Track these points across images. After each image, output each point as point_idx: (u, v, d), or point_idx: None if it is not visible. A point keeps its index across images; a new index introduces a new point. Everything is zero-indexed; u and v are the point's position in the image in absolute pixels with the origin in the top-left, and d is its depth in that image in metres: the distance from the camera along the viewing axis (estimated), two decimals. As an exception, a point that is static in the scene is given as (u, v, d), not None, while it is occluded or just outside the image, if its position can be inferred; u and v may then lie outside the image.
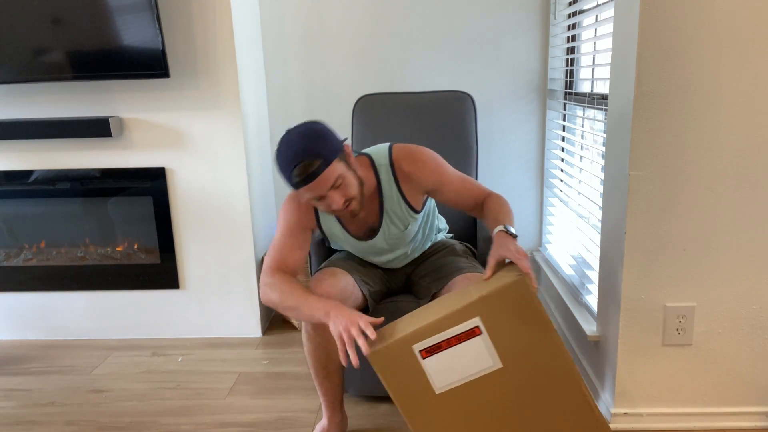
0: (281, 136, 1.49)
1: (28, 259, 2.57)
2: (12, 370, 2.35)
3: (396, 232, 1.68)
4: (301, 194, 1.46)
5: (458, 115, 2.27)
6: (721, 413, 1.78)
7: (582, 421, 1.30)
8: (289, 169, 1.41)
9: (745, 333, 1.72)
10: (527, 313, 1.24)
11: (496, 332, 1.25)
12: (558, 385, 1.28)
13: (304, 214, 1.62)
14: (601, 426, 1.31)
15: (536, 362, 1.27)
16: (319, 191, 1.43)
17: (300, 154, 1.39)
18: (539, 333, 1.25)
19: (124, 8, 2.11)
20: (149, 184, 2.42)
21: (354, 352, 1.30)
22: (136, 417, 1.97)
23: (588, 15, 2.09)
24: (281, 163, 1.43)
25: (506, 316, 1.24)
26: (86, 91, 2.35)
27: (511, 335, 1.25)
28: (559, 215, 2.61)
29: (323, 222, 1.66)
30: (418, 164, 1.60)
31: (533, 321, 1.25)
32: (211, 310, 2.55)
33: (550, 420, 1.30)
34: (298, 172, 1.39)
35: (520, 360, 1.27)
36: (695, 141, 1.59)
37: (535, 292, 1.25)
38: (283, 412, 1.97)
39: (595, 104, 2.06)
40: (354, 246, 1.72)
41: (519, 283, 1.23)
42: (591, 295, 2.13)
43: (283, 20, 2.63)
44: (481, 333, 1.24)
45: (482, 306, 1.24)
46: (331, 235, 1.70)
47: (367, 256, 1.77)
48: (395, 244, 1.73)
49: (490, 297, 1.24)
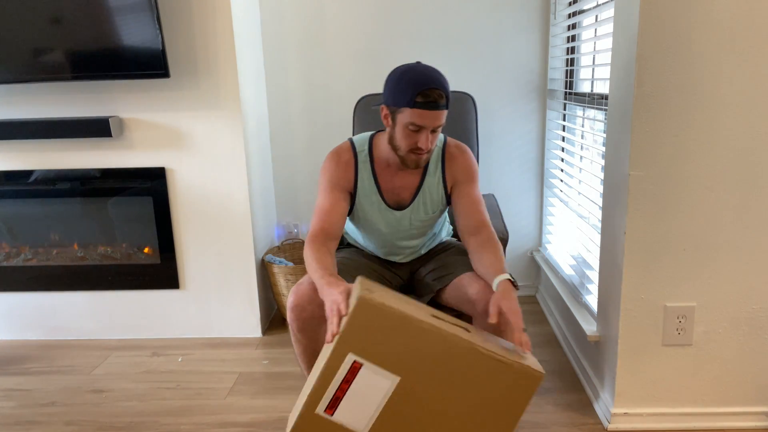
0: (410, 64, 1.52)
1: (28, 259, 2.57)
2: (12, 370, 2.35)
3: (423, 215, 1.72)
4: (410, 115, 1.48)
5: (459, 115, 2.27)
6: (721, 413, 1.78)
7: (505, 378, 1.31)
8: (420, 87, 1.45)
9: (745, 333, 1.72)
10: (385, 321, 1.27)
11: (373, 355, 1.28)
12: (460, 361, 1.30)
13: (344, 172, 1.66)
14: (526, 372, 1.30)
15: (425, 353, 1.29)
16: (430, 123, 1.49)
17: (436, 82, 1.46)
18: (407, 330, 1.27)
19: (124, 8, 2.11)
20: (149, 184, 2.42)
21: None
22: (136, 417, 1.97)
23: (588, 15, 2.09)
24: (412, 78, 1.46)
25: (371, 336, 1.27)
26: (86, 91, 2.35)
27: (387, 348, 1.28)
28: (559, 215, 2.61)
29: (360, 183, 1.68)
30: (465, 154, 1.70)
31: (394, 324, 1.27)
32: (211, 310, 2.55)
33: (480, 392, 1.31)
34: (432, 96, 1.45)
35: (411, 361, 1.29)
36: (695, 141, 1.59)
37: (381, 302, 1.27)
38: (283, 412, 1.97)
39: (595, 104, 2.06)
40: (378, 216, 1.72)
41: (361, 303, 1.26)
42: (591, 295, 2.13)
43: (283, 20, 2.63)
44: (362, 364, 1.28)
45: (346, 343, 1.27)
46: (362, 199, 1.70)
47: (383, 242, 1.78)
48: (417, 231, 1.75)
49: (347, 331, 1.27)
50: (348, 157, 1.67)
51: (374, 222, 1.74)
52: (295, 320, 1.57)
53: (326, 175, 1.67)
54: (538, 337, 2.44)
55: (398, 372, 1.29)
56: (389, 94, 1.52)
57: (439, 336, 1.28)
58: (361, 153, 1.68)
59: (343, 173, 1.66)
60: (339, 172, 1.66)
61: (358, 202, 1.71)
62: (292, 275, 2.49)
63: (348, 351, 1.27)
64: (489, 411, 1.32)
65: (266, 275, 2.65)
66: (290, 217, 2.87)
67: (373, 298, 1.26)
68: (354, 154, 1.68)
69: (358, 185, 1.69)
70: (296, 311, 1.56)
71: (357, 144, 1.70)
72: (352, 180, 1.68)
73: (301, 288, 1.56)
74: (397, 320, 1.27)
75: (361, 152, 1.68)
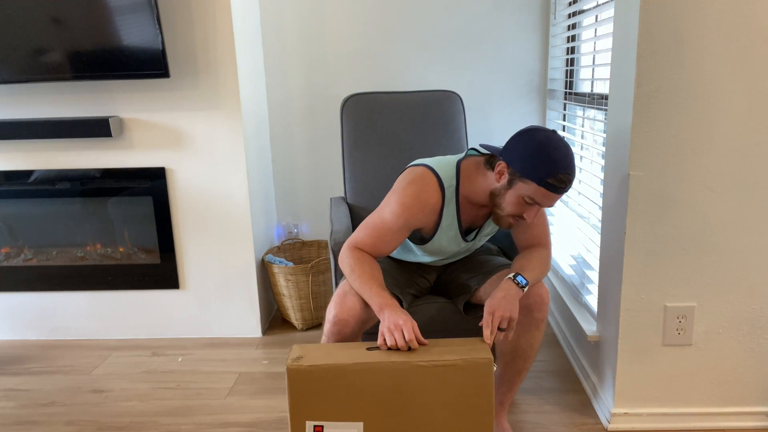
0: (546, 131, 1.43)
1: (28, 259, 2.57)
2: (12, 370, 2.35)
3: (485, 237, 1.72)
4: (535, 192, 1.41)
5: (448, 114, 2.27)
6: (721, 413, 1.78)
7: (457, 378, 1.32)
8: (559, 171, 1.39)
9: (745, 333, 1.72)
10: (321, 380, 1.30)
11: (327, 414, 1.31)
12: (409, 382, 1.31)
13: (427, 216, 1.56)
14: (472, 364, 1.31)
15: (374, 390, 1.31)
16: (549, 203, 1.45)
17: (574, 168, 1.43)
18: (345, 378, 1.31)
19: (124, 8, 2.11)
20: (149, 184, 2.42)
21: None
22: (136, 417, 1.97)
23: (588, 15, 2.09)
24: (553, 158, 1.39)
25: (317, 398, 1.31)
26: (86, 91, 2.35)
27: (337, 402, 1.31)
28: (559, 215, 2.61)
29: (443, 222, 1.60)
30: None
31: (331, 378, 1.30)
32: (211, 310, 2.55)
33: (444, 401, 1.32)
34: (565, 182, 1.41)
35: (365, 403, 1.31)
36: (695, 141, 1.59)
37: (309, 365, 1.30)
38: (283, 412, 1.97)
39: (595, 104, 2.06)
40: (451, 245, 1.67)
41: (291, 373, 1.29)
42: (591, 295, 2.13)
43: (283, 20, 2.63)
44: (323, 426, 1.32)
45: (298, 413, 1.31)
46: (441, 234, 1.62)
47: (440, 259, 1.76)
48: (467, 250, 1.75)
49: (292, 403, 1.31)
50: (436, 199, 1.55)
51: (444, 247, 1.68)
52: (336, 334, 1.53)
53: (408, 204, 1.53)
54: (538, 337, 2.44)
55: (359, 418, 1.31)
56: (518, 158, 1.42)
57: (378, 369, 1.30)
58: (448, 189, 1.56)
59: (425, 218, 1.56)
60: (421, 216, 1.55)
61: (437, 236, 1.63)
62: (292, 275, 2.49)
63: (304, 420, 1.31)
64: (461, 414, 1.33)
65: (266, 275, 2.65)
66: (290, 217, 2.87)
67: (300, 365, 1.29)
68: (441, 193, 1.56)
69: (441, 225, 1.60)
70: (340, 325, 1.51)
71: (444, 178, 1.56)
72: (434, 224, 1.59)
73: (349, 303, 1.51)
74: (332, 374, 1.30)
75: (448, 188, 1.56)
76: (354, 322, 1.51)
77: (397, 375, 1.30)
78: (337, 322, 1.51)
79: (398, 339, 1.34)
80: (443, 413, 1.32)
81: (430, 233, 1.63)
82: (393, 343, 1.35)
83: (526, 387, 2.06)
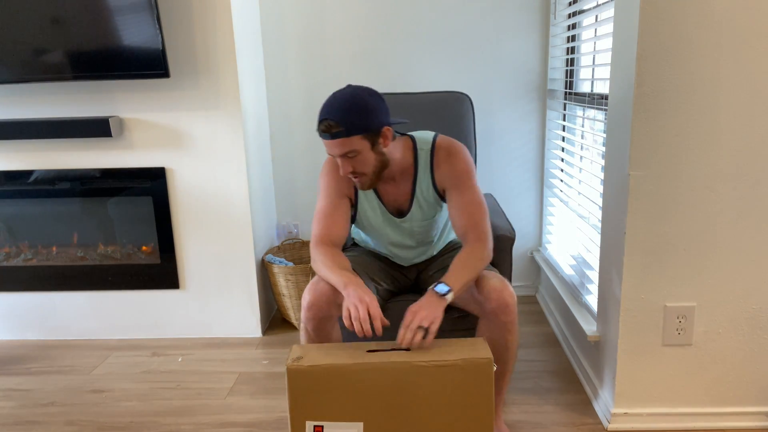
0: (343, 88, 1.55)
1: (28, 259, 2.57)
2: (12, 370, 2.35)
3: (421, 220, 1.72)
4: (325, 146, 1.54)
5: (457, 115, 2.27)
6: (721, 413, 1.78)
7: (458, 378, 1.31)
8: (320, 117, 1.50)
9: (745, 333, 1.72)
10: (321, 380, 1.30)
11: (328, 414, 1.31)
12: (409, 382, 1.31)
13: (343, 180, 1.67)
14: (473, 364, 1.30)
15: (375, 390, 1.31)
16: (330, 151, 1.52)
17: (331, 112, 1.48)
18: (345, 378, 1.30)
19: (124, 8, 2.11)
20: (149, 184, 2.42)
21: (367, 327, 1.37)
22: (136, 417, 1.97)
23: (588, 15, 2.09)
24: (321, 109, 1.52)
25: (317, 398, 1.31)
26: (86, 91, 2.35)
27: (338, 402, 1.31)
28: (559, 215, 2.61)
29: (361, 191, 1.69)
30: (452, 158, 1.66)
31: (331, 378, 1.31)
32: (211, 310, 2.55)
33: (444, 402, 1.32)
34: (322, 127, 1.49)
35: (366, 403, 1.31)
36: (695, 141, 1.59)
37: (309, 365, 1.30)
38: (283, 412, 1.97)
39: (595, 104, 2.06)
40: (382, 223, 1.73)
41: (291, 374, 1.29)
42: (591, 295, 2.13)
43: (283, 20, 2.63)
44: (323, 426, 1.32)
45: (299, 413, 1.31)
46: (365, 204, 1.71)
47: (391, 245, 1.79)
48: (421, 236, 1.76)
49: (293, 403, 1.31)
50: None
51: (379, 228, 1.75)
52: (311, 319, 1.56)
53: (326, 180, 1.68)
54: (538, 337, 2.44)
55: (359, 418, 1.31)
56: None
57: (378, 369, 1.30)
58: None
59: (345, 182, 1.67)
60: (341, 181, 1.67)
61: (360, 207, 1.72)
62: (292, 275, 2.49)
63: (304, 420, 1.31)
64: (461, 414, 1.32)
65: (266, 275, 2.65)
66: (290, 217, 2.87)
67: (300, 365, 1.29)
68: None
69: (358, 195, 1.70)
70: (313, 310, 1.54)
71: None
72: (352, 186, 1.69)
73: (319, 287, 1.55)
74: (332, 374, 1.30)
75: None
76: (325, 303, 1.54)
77: (397, 375, 1.30)
78: (310, 306, 1.55)
79: (362, 312, 1.37)
80: (443, 413, 1.32)
81: (353, 198, 1.71)
82: (357, 316, 1.37)
83: (526, 387, 2.06)
